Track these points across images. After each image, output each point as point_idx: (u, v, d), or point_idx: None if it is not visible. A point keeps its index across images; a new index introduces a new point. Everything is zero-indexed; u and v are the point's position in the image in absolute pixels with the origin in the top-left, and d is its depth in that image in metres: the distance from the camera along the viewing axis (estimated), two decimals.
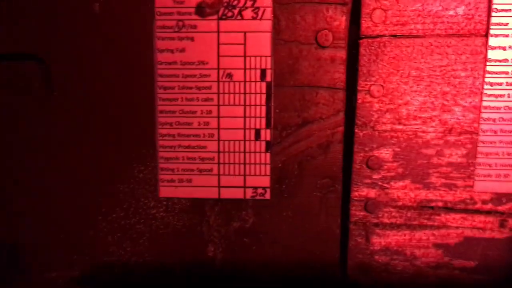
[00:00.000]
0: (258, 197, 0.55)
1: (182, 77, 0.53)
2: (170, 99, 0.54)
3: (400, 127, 0.54)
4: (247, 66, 0.53)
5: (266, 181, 0.55)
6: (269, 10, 0.52)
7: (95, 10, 0.53)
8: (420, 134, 0.54)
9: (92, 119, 0.55)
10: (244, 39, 0.52)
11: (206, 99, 0.54)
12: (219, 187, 0.55)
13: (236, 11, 0.52)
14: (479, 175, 0.54)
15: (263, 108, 0.53)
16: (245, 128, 0.54)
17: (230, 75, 0.53)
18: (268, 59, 0.53)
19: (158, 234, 0.57)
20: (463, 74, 0.52)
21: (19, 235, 0.58)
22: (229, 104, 0.54)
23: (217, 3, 0.49)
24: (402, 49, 0.53)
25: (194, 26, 0.52)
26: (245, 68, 0.53)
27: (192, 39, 0.53)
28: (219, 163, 0.55)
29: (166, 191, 0.56)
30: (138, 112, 0.54)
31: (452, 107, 0.53)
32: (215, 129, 0.54)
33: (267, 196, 0.55)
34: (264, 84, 0.53)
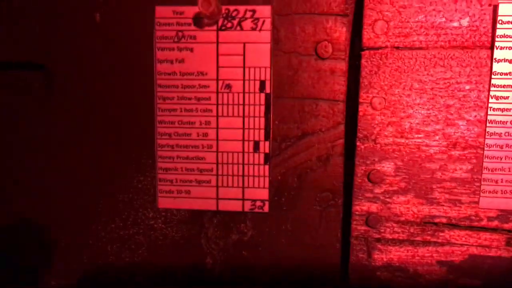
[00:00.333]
0: (256, 210, 0.54)
1: (182, 87, 0.53)
2: (169, 110, 0.54)
3: (402, 140, 0.53)
4: (246, 77, 0.52)
5: (264, 193, 0.54)
6: (268, 21, 0.51)
7: (96, 20, 0.53)
8: (423, 148, 0.53)
9: (89, 126, 0.55)
10: (244, 50, 0.52)
11: (205, 110, 0.53)
12: (218, 199, 0.55)
13: (235, 22, 0.52)
14: (484, 191, 0.53)
15: (262, 120, 0.53)
16: (244, 140, 0.53)
17: (229, 86, 0.53)
18: (268, 70, 0.52)
19: (157, 245, 0.57)
20: (468, 87, 0.51)
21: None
22: (228, 116, 0.53)
23: (215, 14, 0.49)
24: (404, 61, 0.52)
25: (193, 37, 0.52)
26: (244, 79, 0.53)
27: (191, 49, 0.53)
28: (217, 175, 0.54)
29: (164, 202, 0.55)
30: (137, 122, 0.55)
31: (456, 121, 0.52)
32: (214, 140, 0.54)
33: (266, 209, 0.54)
34: (263, 95, 0.53)
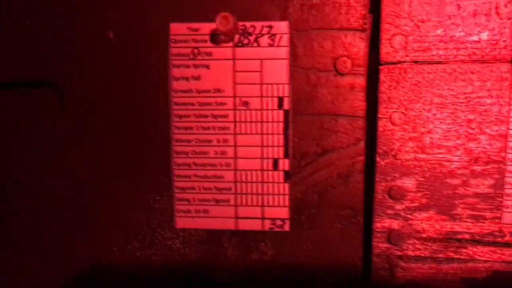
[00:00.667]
0: (276, 228, 0.53)
1: (198, 105, 0.52)
2: (186, 128, 0.53)
3: (423, 156, 0.52)
4: (264, 94, 0.52)
5: (285, 212, 0.53)
6: (286, 37, 0.51)
7: (109, 37, 0.52)
8: (444, 163, 0.52)
9: (106, 147, 0.54)
10: (261, 66, 0.51)
11: (222, 128, 0.52)
12: (237, 218, 0.54)
13: (252, 38, 0.51)
14: (507, 206, 0.52)
15: (281, 137, 0.52)
16: (262, 158, 0.52)
17: (246, 103, 0.52)
18: (286, 87, 0.51)
19: (175, 266, 0.55)
20: (489, 101, 0.50)
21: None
22: (246, 133, 0.52)
23: (233, 31, 0.48)
24: (424, 75, 0.51)
25: (209, 54, 0.52)
26: (262, 96, 0.52)
27: (207, 66, 0.52)
28: (236, 194, 0.53)
29: (182, 222, 0.54)
30: (153, 141, 0.54)
31: (477, 136, 0.51)
32: (232, 158, 0.53)
33: (286, 227, 0.53)
34: (281, 112, 0.52)
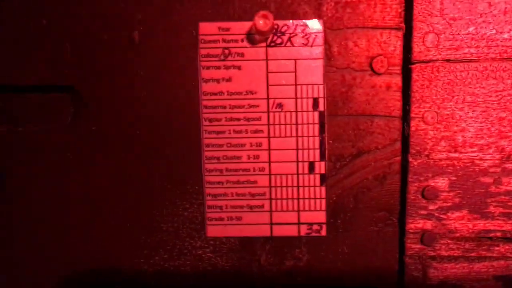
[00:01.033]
0: (313, 234, 0.52)
1: (229, 108, 0.50)
2: (217, 132, 0.51)
3: (456, 155, 0.52)
4: (298, 95, 0.50)
5: (322, 216, 0.52)
6: (320, 36, 0.49)
7: (134, 40, 0.50)
8: (477, 162, 0.52)
9: (132, 152, 0.51)
10: (295, 66, 0.50)
11: (255, 131, 0.51)
12: (271, 224, 0.52)
13: (285, 38, 0.49)
14: None
15: (317, 139, 0.51)
16: (298, 161, 0.51)
17: (280, 105, 0.50)
18: (321, 87, 0.50)
19: (205, 277, 0.53)
20: None
21: None
22: (280, 136, 0.51)
23: (271, 30, 0.47)
24: (456, 74, 0.51)
25: (241, 54, 0.50)
26: (296, 98, 0.50)
27: (239, 67, 0.50)
28: (270, 199, 0.52)
29: (214, 230, 0.52)
30: (183, 147, 0.51)
31: (509, 133, 0.51)
32: (266, 162, 0.51)
33: (323, 232, 0.52)
34: (317, 113, 0.50)
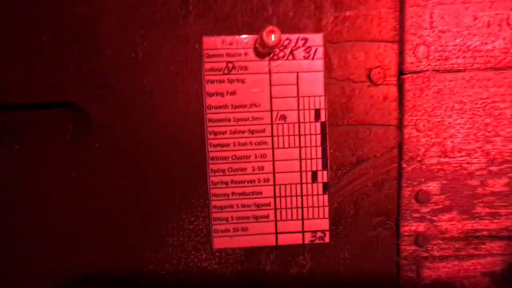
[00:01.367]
0: (317, 241, 0.53)
1: (234, 121, 0.51)
2: (222, 145, 0.51)
3: (446, 160, 0.55)
4: (301, 107, 0.51)
5: (325, 224, 0.53)
6: (320, 49, 0.51)
7: (138, 54, 0.49)
8: (465, 165, 0.55)
9: (136, 167, 0.51)
10: (297, 79, 0.51)
11: (259, 143, 0.51)
12: (277, 233, 0.53)
13: (287, 51, 0.51)
14: None
15: (319, 149, 0.52)
16: (301, 171, 0.52)
17: (283, 117, 0.51)
18: (322, 99, 0.51)
19: None
20: (502, 105, 0.54)
21: None
22: (284, 147, 0.52)
23: (277, 44, 0.48)
24: (445, 83, 0.53)
25: (244, 68, 0.50)
26: (298, 109, 0.51)
27: (243, 81, 0.51)
28: (275, 209, 0.53)
29: (220, 242, 0.53)
30: (188, 160, 0.51)
31: (493, 138, 0.54)
32: (271, 173, 0.52)
33: (327, 239, 0.53)
34: (319, 124, 0.52)
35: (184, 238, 0.52)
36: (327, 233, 0.53)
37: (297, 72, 0.51)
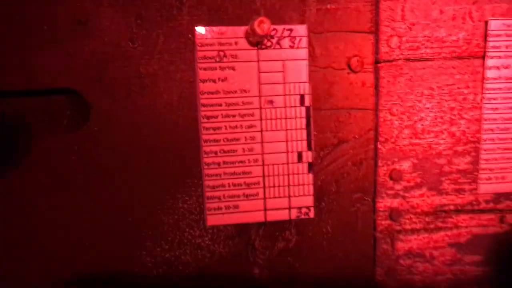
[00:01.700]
0: (303, 216, 0.58)
1: (225, 105, 0.54)
2: (214, 128, 0.55)
3: (417, 141, 0.60)
4: (287, 92, 0.55)
5: (310, 200, 0.58)
6: (304, 39, 0.55)
7: (134, 46, 0.52)
8: (433, 146, 0.60)
9: (134, 151, 0.54)
10: (283, 67, 0.55)
11: (249, 126, 0.55)
12: (265, 210, 0.57)
13: (274, 41, 0.54)
14: (482, 179, 0.62)
15: (304, 132, 0.56)
16: (288, 152, 0.56)
17: (271, 102, 0.55)
18: (306, 85, 0.56)
19: (204, 263, 0.57)
20: (466, 91, 0.59)
21: None
22: (271, 130, 0.56)
23: (267, 34, 0.51)
24: (416, 71, 0.58)
25: (235, 56, 0.54)
26: (285, 95, 0.55)
27: (233, 68, 0.54)
28: (264, 187, 0.56)
29: (213, 219, 0.56)
30: (182, 142, 0.54)
31: (458, 121, 0.60)
32: (259, 154, 0.56)
33: (311, 214, 0.58)
34: (303, 108, 0.56)
35: (179, 217, 0.56)
36: (312, 208, 0.58)
37: (283, 60, 0.55)
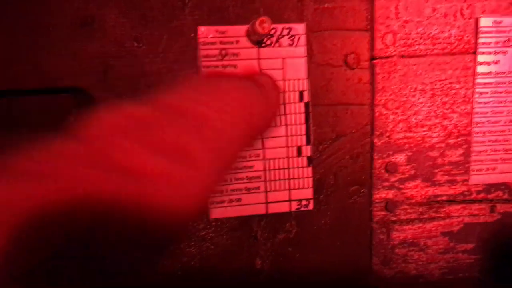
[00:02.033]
0: (302, 208, 0.60)
1: None
2: None
3: (411, 134, 0.62)
4: (287, 89, 0.57)
5: (309, 193, 0.60)
6: (303, 37, 0.57)
7: (139, 45, 0.54)
8: (427, 139, 0.62)
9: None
10: (283, 64, 0.57)
11: None
12: (267, 203, 0.59)
13: (274, 39, 0.56)
14: (473, 170, 0.64)
15: (303, 127, 0.58)
16: (288, 146, 0.58)
17: None
18: (305, 82, 0.58)
19: (208, 255, 0.59)
20: (458, 86, 0.62)
21: None
22: (272, 125, 0.58)
23: (268, 33, 0.53)
24: (409, 67, 0.61)
25: (236, 54, 0.56)
26: (285, 91, 0.57)
27: (235, 66, 0.56)
28: (265, 181, 0.58)
29: (216, 212, 0.58)
30: None
31: (450, 114, 0.62)
32: (260, 149, 0.58)
33: (310, 207, 0.60)
34: (302, 104, 0.58)
35: None
36: (311, 201, 0.60)
37: (282, 58, 0.57)
